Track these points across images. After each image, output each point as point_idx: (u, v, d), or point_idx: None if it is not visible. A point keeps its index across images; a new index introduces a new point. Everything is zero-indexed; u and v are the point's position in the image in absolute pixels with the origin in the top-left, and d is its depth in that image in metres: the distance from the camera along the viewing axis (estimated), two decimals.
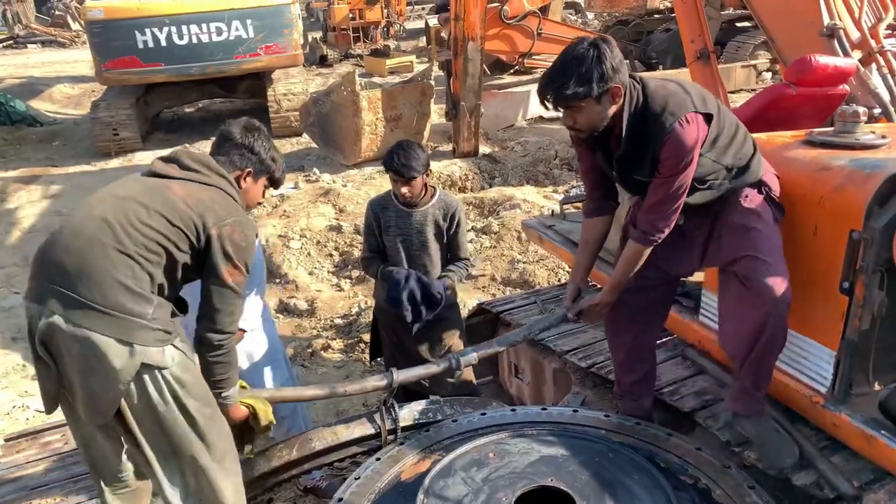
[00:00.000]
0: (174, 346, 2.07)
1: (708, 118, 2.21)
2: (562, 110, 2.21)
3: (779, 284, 2.21)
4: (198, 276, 2.18)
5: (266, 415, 2.39)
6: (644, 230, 2.33)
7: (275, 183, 2.45)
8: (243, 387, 2.41)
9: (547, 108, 2.22)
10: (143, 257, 2.01)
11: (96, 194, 2.14)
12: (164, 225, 2.04)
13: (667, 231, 2.32)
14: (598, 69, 2.09)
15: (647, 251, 2.37)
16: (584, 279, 2.68)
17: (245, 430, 2.42)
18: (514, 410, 2.64)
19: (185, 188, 2.12)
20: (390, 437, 2.57)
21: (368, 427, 2.62)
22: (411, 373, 2.69)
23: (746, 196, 2.35)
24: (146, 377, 2.01)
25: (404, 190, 3.03)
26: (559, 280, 5.31)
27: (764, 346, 2.27)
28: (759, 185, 2.36)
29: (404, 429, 2.61)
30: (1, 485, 2.73)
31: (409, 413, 2.67)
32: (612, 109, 2.19)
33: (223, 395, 2.23)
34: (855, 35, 3.47)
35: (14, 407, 4.43)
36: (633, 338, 2.65)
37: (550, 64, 2.22)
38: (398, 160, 2.97)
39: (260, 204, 2.59)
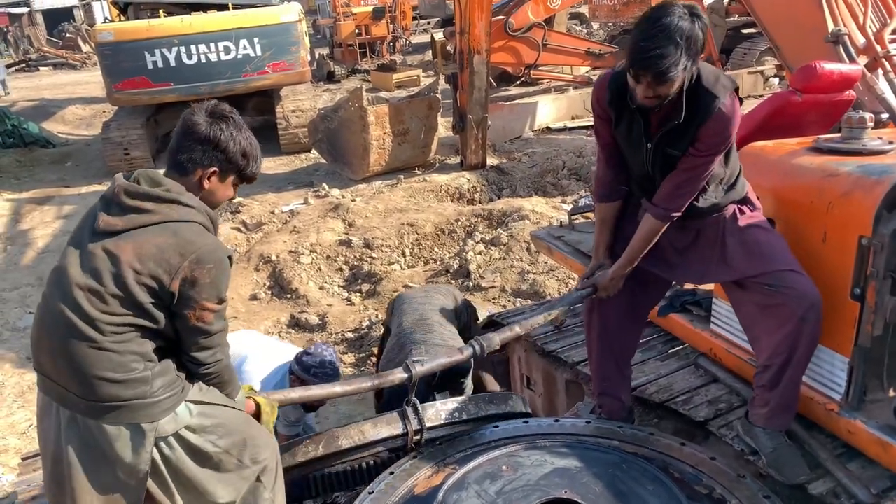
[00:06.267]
0: (186, 402, 2.00)
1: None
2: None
3: (809, 288, 2.24)
4: None
5: (267, 424, 2.31)
6: (666, 206, 2.35)
7: (246, 179, 2.11)
8: (252, 389, 2.40)
9: (638, 81, 2.09)
10: (119, 342, 1.88)
11: (53, 276, 1.96)
12: (124, 307, 1.88)
13: (683, 209, 2.34)
14: (697, 42, 2.03)
15: (664, 227, 2.40)
16: (608, 256, 2.63)
17: None
18: (526, 422, 2.64)
19: (131, 245, 1.89)
20: (416, 437, 2.56)
21: (395, 426, 2.57)
22: (434, 363, 2.63)
23: (742, 213, 2.39)
24: (163, 444, 1.96)
25: None
26: (570, 291, 5.30)
27: (803, 352, 2.28)
28: (745, 201, 2.41)
29: (430, 428, 2.57)
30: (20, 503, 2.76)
31: (434, 413, 2.64)
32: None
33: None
34: (860, 40, 3.48)
35: (30, 426, 4.47)
36: (618, 337, 2.67)
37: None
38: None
39: (231, 199, 2.34)
